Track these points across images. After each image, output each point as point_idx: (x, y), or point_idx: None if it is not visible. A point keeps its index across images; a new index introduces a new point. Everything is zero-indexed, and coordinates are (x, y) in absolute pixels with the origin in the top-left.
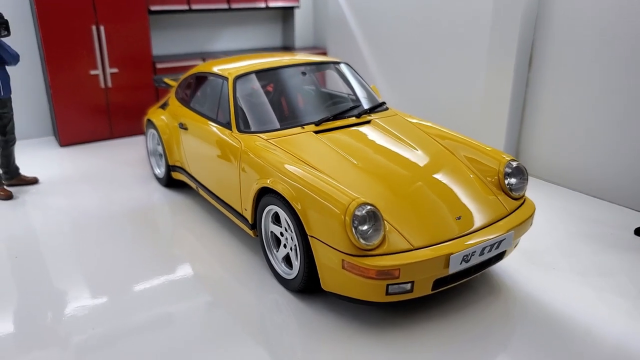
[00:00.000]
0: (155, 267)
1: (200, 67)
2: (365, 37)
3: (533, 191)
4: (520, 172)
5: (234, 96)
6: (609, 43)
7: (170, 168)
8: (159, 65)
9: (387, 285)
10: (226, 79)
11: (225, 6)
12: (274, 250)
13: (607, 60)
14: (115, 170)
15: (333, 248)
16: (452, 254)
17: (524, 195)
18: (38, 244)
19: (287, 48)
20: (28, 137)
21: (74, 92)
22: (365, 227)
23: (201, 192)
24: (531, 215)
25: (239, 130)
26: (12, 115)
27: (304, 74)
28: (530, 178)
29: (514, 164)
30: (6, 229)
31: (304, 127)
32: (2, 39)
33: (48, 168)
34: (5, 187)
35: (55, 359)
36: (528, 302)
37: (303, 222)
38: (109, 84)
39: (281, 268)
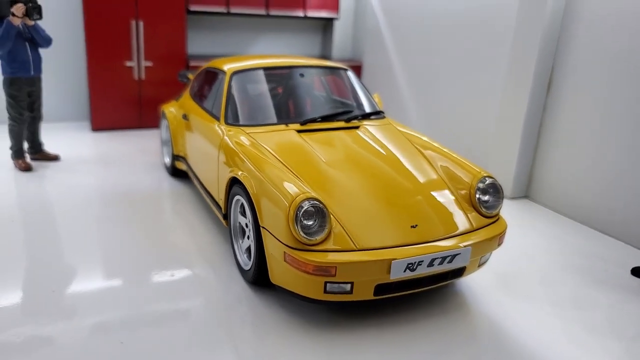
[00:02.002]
0: (145, 251)
1: (212, 62)
2: (397, 53)
3: (537, 220)
4: (495, 190)
5: (228, 90)
6: (633, 72)
7: (174, 157)
8: (192, 63)
9: (326, 283)
10: (225, 73)
11: (263, 12)
12: (240, 241)
13: (630, 91)
14: (133, 157)
15: (278, 240)
16: (394, 259)
17: (497, 214)
18: (41, 213)
19: (324, 58)
20: (66, 120)
21: (109, 81)
22: (310, 222)
23: (194, 180)
24: (497, 235)
25: (226, 123)
26: (41, 93)
27: (301, 75)
28: (540, 207)
29: (488, 180)
30: (17, 196)
31: (288, 125)
32: (36, 22)
33: (73, 148)
34: (27, 160)
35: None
36: (489, 326)
37: (257, 213)
38: (143, 77)
39: (242, 259)
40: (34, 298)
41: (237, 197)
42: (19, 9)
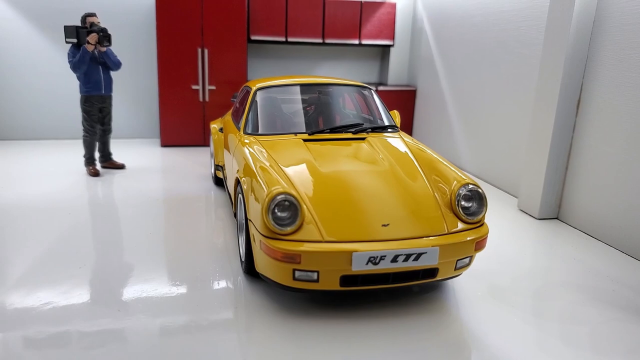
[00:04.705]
0: (175, 247)
1: (250, 81)
2: (446, 80)
3: (560, 241)
4: (478, 197)
5: (251, 103)
6: None
7: (216, 167)
8: None
9: (294, 270)
10: (252, 89)
11: (319, 40)
12: (243, 235)
13: None
14: (189, 169)
15: (257, 230)
16: (355, 251)
17: (479, 220)
18: (104, 212)
19: (381, 84)
20: (140, 137)
21: (176, 102)
22: (284, 214)
23: (225, 185)
24: (472, 240)
25: (245, 132)
26: (111, 110)
27: (319, 92)
28: (569, 229)
29: (471, 187)
30: (87, 197)
31: (297, 134)
32: (107, 48)
33: (140, 160)
34: (96, 167)
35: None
36: (462, 330)
37: (245, 206)
38: (207, 99)
39: (242, 251)
40: (92, 292)
41: (240, 195)
42: (93, 37)
